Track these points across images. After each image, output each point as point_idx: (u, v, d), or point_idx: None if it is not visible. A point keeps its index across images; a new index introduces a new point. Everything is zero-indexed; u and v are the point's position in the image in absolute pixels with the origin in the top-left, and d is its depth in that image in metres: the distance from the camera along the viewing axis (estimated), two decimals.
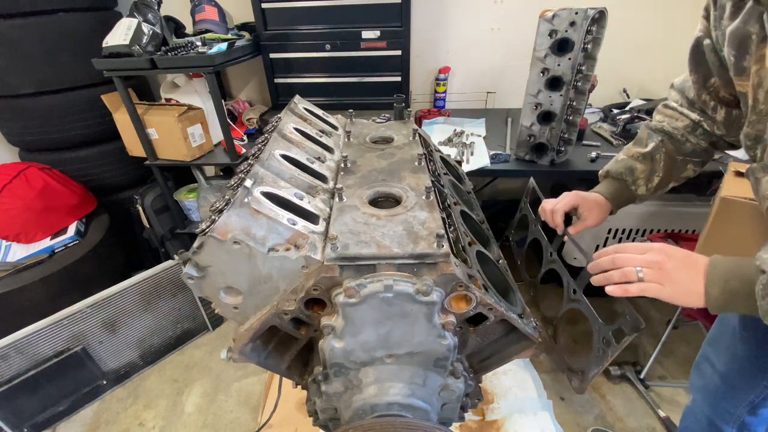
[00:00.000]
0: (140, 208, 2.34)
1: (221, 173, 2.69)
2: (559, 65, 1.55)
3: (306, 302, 0.68)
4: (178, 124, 1.96)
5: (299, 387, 0.89)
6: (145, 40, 1.85)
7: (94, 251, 2.12)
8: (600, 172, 1.09)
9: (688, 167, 0.99)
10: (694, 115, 0.95)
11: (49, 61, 2.05)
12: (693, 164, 0.98)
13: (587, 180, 2.16)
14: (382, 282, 0.62)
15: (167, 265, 2.04)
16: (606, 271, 0.73)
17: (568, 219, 1.05)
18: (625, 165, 1.02)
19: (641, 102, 2.29)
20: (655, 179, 0.98)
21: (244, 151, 2.12)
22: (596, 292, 1.12)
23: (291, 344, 0.82)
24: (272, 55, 2.28)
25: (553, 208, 1.04)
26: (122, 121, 2.08)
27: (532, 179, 1.16)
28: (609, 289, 0.69)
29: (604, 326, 0.77)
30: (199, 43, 1.90)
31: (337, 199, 0.77)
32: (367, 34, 2.15)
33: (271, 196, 0.70)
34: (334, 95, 2.37)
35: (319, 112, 1.14)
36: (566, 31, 1.48)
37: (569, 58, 1.53)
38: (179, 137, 2.00)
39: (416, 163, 0.89)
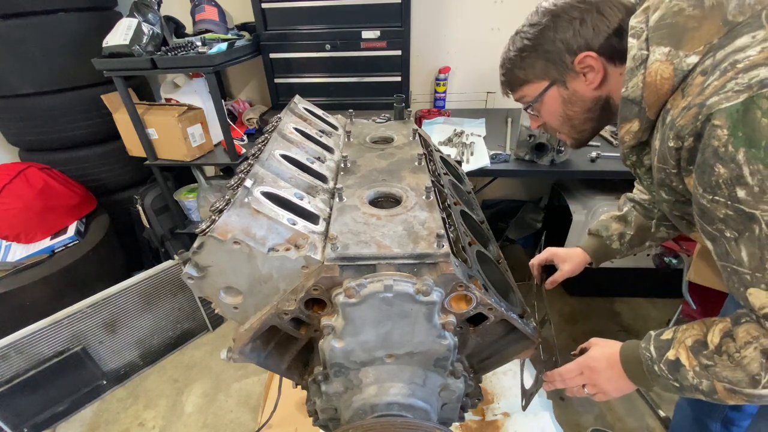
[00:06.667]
0: (140, 208, 2.34)
1: (221, 173, 2.69)
2: None
3: (306, 302, 0.68)
4: (178, 124, 1.96)
5: (299, 387, 0.89)
6: (145, 40, 1.85)
7: (94, 251, 2.12)
8: (587, 230, 1.22)
9: (661, 230, 1.09)
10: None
11: (49, 61, 2.05)
12: (665, 227, 1.08)
13: (587, 180, 2.18)
14: (382, 282, 0.62)
15: (167, 265, 2.03)
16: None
17: (555, 270, 1.19)
18: (602, 224, 1.16)
19: None
20: (627, 236, 1.11)
21: (244, 151, 2.12)
22: (598, 293, 1.12)
23: (291, 344, 0.82)
24: (272, 55, 2.27)
25: (532, 263, 1.22)
26: (122, 121, 2.08)
27: (544, 236, 1.30)
28: (568, 393, 0.90)
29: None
30: (199, 43, 1.90)
31: (337, 199, 0.77)
32: (367, 34, 2.15)
33: (271, 196, 0.70)
34: (334, 95, 2.37)
35: (319, 112, 1.14)
36: None
37: None
38: (179, 137, 2.00)
39: (416, 163, 0.89)
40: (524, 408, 0.97)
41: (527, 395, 0.98)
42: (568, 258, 1.16)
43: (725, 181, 0.57)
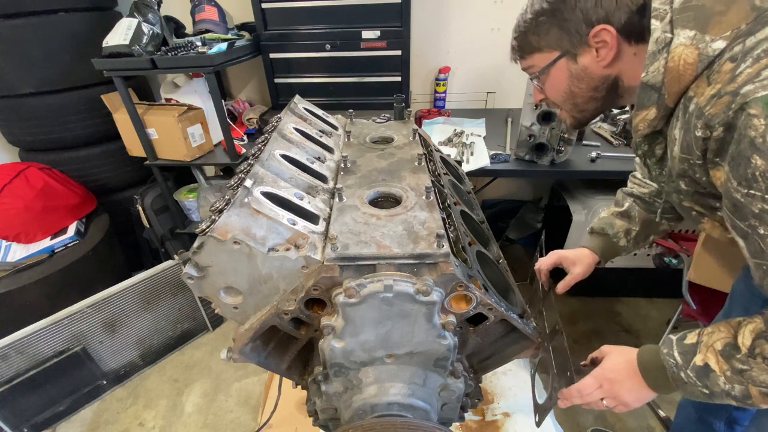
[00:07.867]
0: (140, 208, 2.34)
1: (221, 173, 2.69)
2: None
3: (306, 302, 0.68)
4: (178, 124, 1.96)
5: (299, 387, 0.89)
6: (145, 40, 1.84)
7: (94, 251, 2.12)
8: (587, 229, 1.19)
9: (663, 222, 1.07)
10: (656, 185, 1.05)
11: (49, 61, 2.05)
12: (667, 219, 1.07)
13: (587, 180, 2.18)
14: (382, 282, 0.62)
15: (167, 265, 2.03)
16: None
17: (561, 273, 1.14)
18: (605, 222, 1.13)
19: None
20: (633, 233, 1.09)
21: (244, 151, 2.12)
22: (598, 293, 1.12)
23: (291, 344, 0.82)
24: (272, 55, 2.27)
25: (538, 267, 1.16)
26: (122, 121, 2.08)
27: (543, 235, 1.26)
28: (586, 407, 0.85)
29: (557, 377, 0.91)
30: (199, 43, 1.90)
31: (337, 199, 0.77)
32: (367, 34, 2.15)
33: (271, 196, 0.70)
34: (334, 95, 2.37)
35: (319, 112, 1.14)
36: None
37: None
38: (179, 137, 2.00)
39: (416, 163, 0.89)
40: (538, 424, 0.94)
41: (541, 411, 0.95)
42: (578, 260, 1.12)
43: (762, 173, 0.54)
